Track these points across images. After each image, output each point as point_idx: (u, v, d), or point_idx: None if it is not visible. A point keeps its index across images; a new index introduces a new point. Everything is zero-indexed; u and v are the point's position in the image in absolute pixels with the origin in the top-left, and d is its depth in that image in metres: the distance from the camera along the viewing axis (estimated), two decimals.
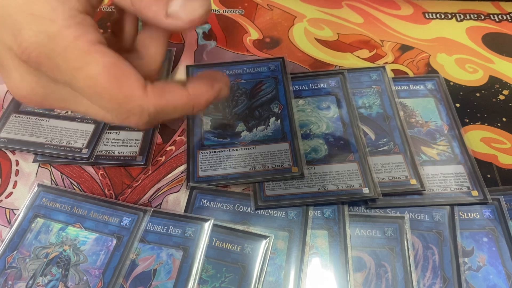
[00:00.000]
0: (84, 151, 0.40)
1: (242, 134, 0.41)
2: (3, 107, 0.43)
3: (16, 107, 0.43)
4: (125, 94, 0.23)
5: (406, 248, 0.35)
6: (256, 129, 0.42)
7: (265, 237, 0.35)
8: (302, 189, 0.38)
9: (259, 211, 0.37)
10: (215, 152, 0.40)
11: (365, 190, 0.37)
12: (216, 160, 0.40)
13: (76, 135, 0.41)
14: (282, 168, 0.39)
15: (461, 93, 0.45)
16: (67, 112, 0.43)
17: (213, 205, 0.37)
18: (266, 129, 0.41)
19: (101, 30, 0.24)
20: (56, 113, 0.43)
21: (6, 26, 0.23)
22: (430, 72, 0.47)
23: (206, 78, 0.27)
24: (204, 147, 0.41)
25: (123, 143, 0.41)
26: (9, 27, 0.23)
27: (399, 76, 0.46)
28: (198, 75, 0.28)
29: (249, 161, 0.39)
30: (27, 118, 0.42)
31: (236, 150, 0.40)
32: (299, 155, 0.39)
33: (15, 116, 0.42)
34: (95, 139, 0.41)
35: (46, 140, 0.41)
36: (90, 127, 0.42)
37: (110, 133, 0.42)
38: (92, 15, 0.24)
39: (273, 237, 0.35)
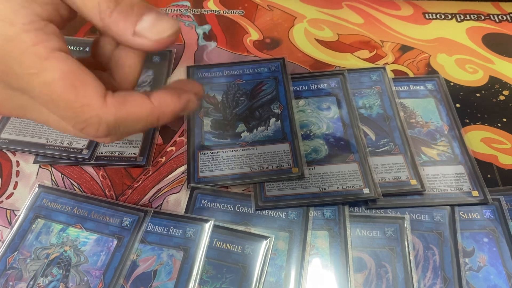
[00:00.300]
0: (85, 152, 0.40)
1: (242, 134, 0.41)
2: None
3: None
4: (82, 103, 0.22)
5: (406, 248, 0.35)
6: (257, 130, 0.42)
7: (265, 237, 0.35)
8: (302, 189, 0.38)
9: (259, 211, 0.37)
10: (215, 152, 0.40)
11: (366, 191, 0.37)
12: (217, 160, 0.40)
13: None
14: (283, 168, 0.39)
15: (461, 93, 0.45)
16: None
17: (214, 205, 0.37)
18: (267, 129, 0.41)
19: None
20: None
21: None
22: (430, 73, 0.47)
23: (174, 88, 0.26)
24: (205, 148, 0.41)
25: (123, 144, 0.41)
26: None
27: (399, 77, 0.46)
28: (168, 84, 0.27)
29: (249, 162, 0.39)
30: None
31: (237, 150, 0.40)
32: (300, 156, 0.39)
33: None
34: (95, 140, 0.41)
35: (47, 141, 0.41)
36: None
37: None
38: (60, 26, 0.23)
39: (273, 237, 0.35)
